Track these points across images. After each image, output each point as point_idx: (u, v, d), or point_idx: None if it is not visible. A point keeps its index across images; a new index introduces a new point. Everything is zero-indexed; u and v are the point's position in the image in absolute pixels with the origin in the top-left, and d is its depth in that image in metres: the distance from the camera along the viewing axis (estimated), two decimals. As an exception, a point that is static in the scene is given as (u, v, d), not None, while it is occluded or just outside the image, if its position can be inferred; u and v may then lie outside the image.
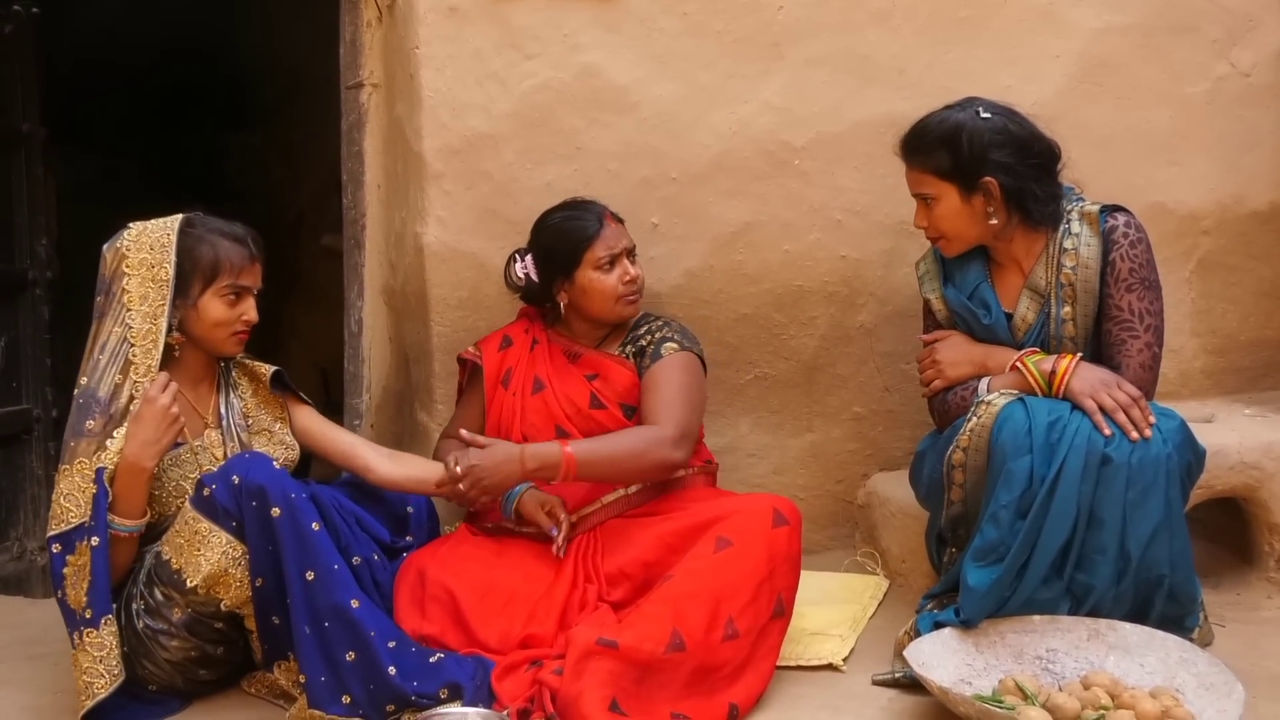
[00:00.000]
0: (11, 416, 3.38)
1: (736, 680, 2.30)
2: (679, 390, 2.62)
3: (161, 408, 2.31)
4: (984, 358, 2.59)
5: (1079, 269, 2.53)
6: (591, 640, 2.23)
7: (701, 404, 2.70)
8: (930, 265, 2.73)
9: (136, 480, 2.32)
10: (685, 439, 2.57)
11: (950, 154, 2.52)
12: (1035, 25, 3.15)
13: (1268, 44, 3.28)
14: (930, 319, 2.75)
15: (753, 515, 2.43)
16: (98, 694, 2.26)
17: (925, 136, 2.57)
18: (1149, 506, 2.32)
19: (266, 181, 5.67)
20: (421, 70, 2.93)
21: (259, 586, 2.29)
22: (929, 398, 2.69)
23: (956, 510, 2.54)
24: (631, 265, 2.72)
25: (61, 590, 2.30)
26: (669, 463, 2.56)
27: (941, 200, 2.56)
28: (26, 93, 3.43)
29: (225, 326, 2.45)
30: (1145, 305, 2.51)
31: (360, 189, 3.12)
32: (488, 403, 2.75)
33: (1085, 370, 2.44)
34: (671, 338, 2.71)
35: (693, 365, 2.70)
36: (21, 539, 3.37)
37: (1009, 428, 2.37)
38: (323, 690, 2.23)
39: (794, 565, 2.42)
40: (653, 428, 2.57)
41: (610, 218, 2.73)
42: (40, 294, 3.47)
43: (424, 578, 2.48)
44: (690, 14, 3.02)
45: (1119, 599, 2.36)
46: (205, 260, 2.42)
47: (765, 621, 2.35)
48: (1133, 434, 2.34)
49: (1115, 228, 2.52)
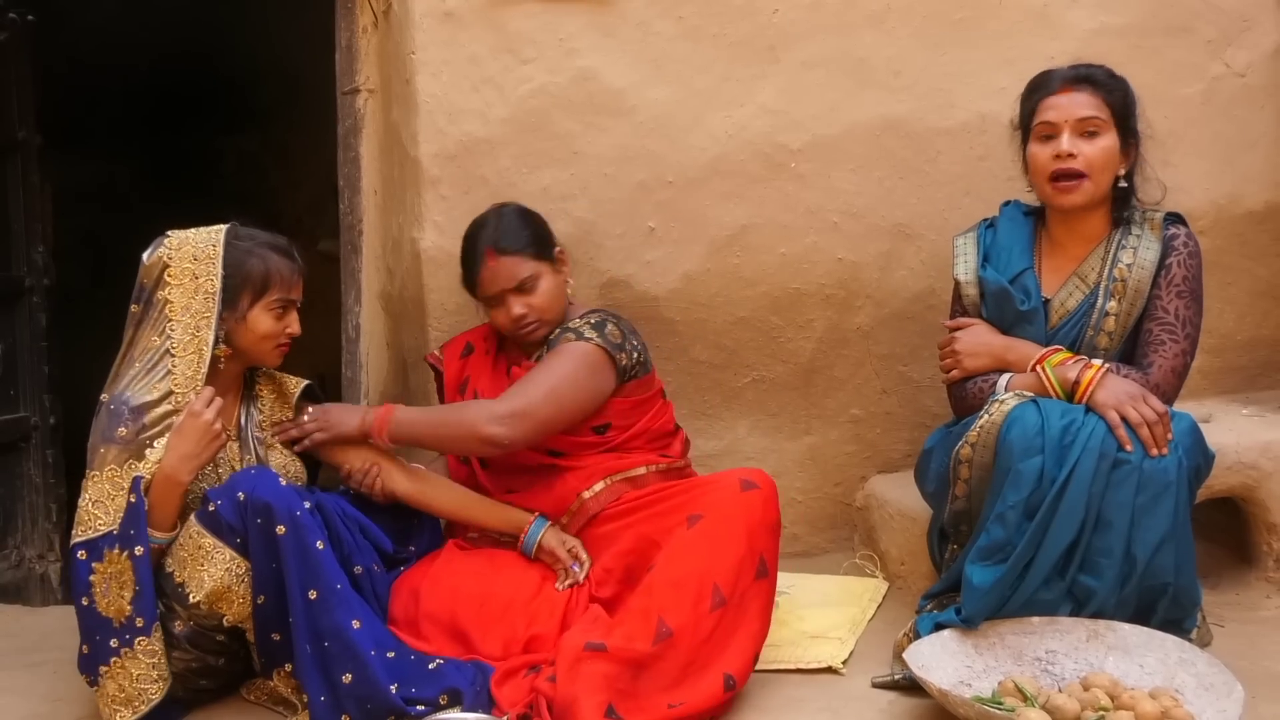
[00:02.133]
0: (9, 424, 3.37)
1: (726, 647, 2.31)
2: (542, 372, 2.56)
3: (205, 423, 2.32)
4: (1004, 351, 2.58)
5: (1135, 268, 2.54)
6: (580, 645, 2.24)
7: (572, 395, 2.56)
8: (969, 244, 2.71)
9: (172, 493, 2.32)
10: (516, 418, 2.48)
11: (1125, 100, 2.57)
12: (1030, 27, 3.16)
13: (1262, 44, 3.28)
14: (957, 302, 2.73)
15: (719, 487, 2.45)
16: (153, 699, 2.28)
17: (1106, 74, 2.58)
18: (1158, 512, 2.32)
19: (263, 187, 5.66)
20: (417, 75, 2.93)
21: (260, 604, 2.29)
22: (948, 385, 2.68)
23: (960, 506, 2.54)
24: (515, 304, 2.63)
25: (88, 598, 2.29)
26: (484, 436, 2.48)
27: (1105, 136, 2.54)
28: (23, 100, 3.43)
29: (271, 339, 2.46)
30: (1190, 314, 2.54)
31: (357, 194, 3.12)
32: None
33: (1112, 381, 2.43)
34: (576, 329, 2.62)
35: (580, 355, 2.58)
36: (20, 547, 3.37)
37: (1018, 429, 2.37)
38: (323, 710, 2.24)
39: (772, 527, 2.42)
40: (483, 401, 2.58)
41: (490, 252, 2.64)
42: (38, 301, 3.47)
43: (418, 596, 2.48)
44: (686, 18, 3.02)
45: (1122, 603, 2.36)
46: (256, 274, 2.42)
47: (749, 583, 2.35)
48: (1153, 451, 2.34)
49: (1177, 236, 2.57)
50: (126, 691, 2.28)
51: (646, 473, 2.65)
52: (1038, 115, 2.59)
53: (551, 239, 2.74)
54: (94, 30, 4.97)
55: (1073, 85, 2.56)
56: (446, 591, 2.47)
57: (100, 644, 2.28)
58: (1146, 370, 2.50)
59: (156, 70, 5.46)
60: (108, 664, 2.28)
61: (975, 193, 3.13)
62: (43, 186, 3.49)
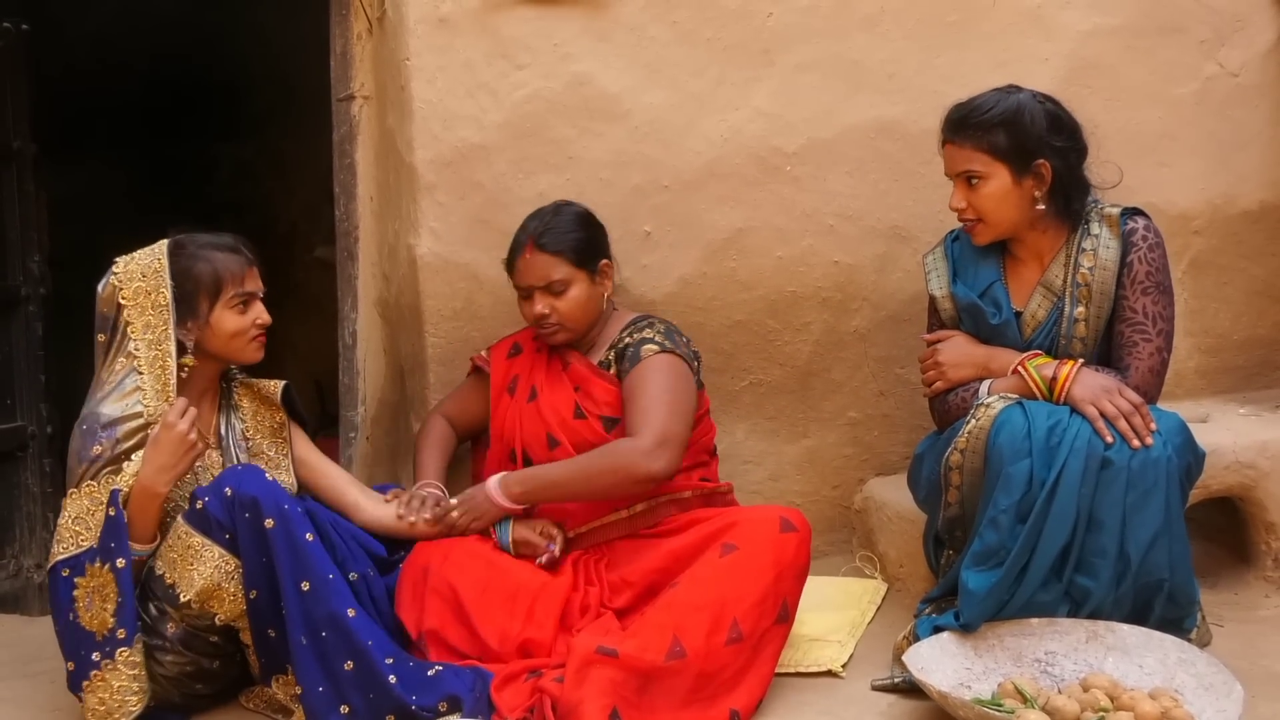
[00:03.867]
0: (6, 434, 3.36)
1: (737, 685, 2.31)
2: (657, 395, 2.54)
3: (180, 434, 2.32)
4: (986, 359, 2.59)
5: (1096, 270, 2.53)
6: (592, 649, 2.23)
7: (688, 408, 2.59)
8: (938, 260, 2.71)
9: (150, 504, 2.33)
10: (663, 446, 2.48)
11: (1009, 133, 2.50)
12: (1024, 28, 3.16)
13: (1255, 44, 3.29)
14: (934, 316, 2.74)
15: (759, 523, 2.44)
16: (133, 710, 2.28)
17: (982, 114, 2.52)
18: (1149, 510, 2.33)
19: (259, 193, 5.66)
20: (412, 82, 2.93)
21: (254, 599, 2.29)
22: (930, 399, 2.69)
23: (953, 512, 2.55)
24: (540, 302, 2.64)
25: (72, 613, 2.30)
26: (645, 474, 2.48)
27: (990, 180, 2.52)
28: (18, 109, 3.41)
29: (243, 335, 2.47)
30: (1159, 309, 2.52)
31: (352, 201, 3.12)
32: (493, 409, 2.76)
33: (1087, 376, 2.44)
34: (653, 339, 2.64)
35: (674, 367, 2.60)
36: (18, 557, 3.36)
37: (1006, 431, 2.38)
38: (320, 701, 2.23)
39: (800, 572, 2.42)
40: (625, 441, 2.53)
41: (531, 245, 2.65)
42: (34, 310, 3.45)
43: (427, 572, 2.48)
44: (680, 22, 3.02)
45: (1118, 602, 2.36)
46: (205, 276, 2.43)
47: (769, 625, 2.35)
48: (1134, 441, 2.34)
49: (1135, 230, 2.53)
50: (107, 704, 2.28)
51: (691, 496, 2.65)
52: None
53: (601, 250, 2.73)
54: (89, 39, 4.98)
55: (950, 139, 2.58)
56: (455, 570, 2.48)
57: (84, 659, 2.29)
58: (1125, 375, 2.50)
59: (152, 78, 5.47)
60: (89, 679, 2.28)
61: (970, 194, 3.13)
62: (38, 195, 3.48)
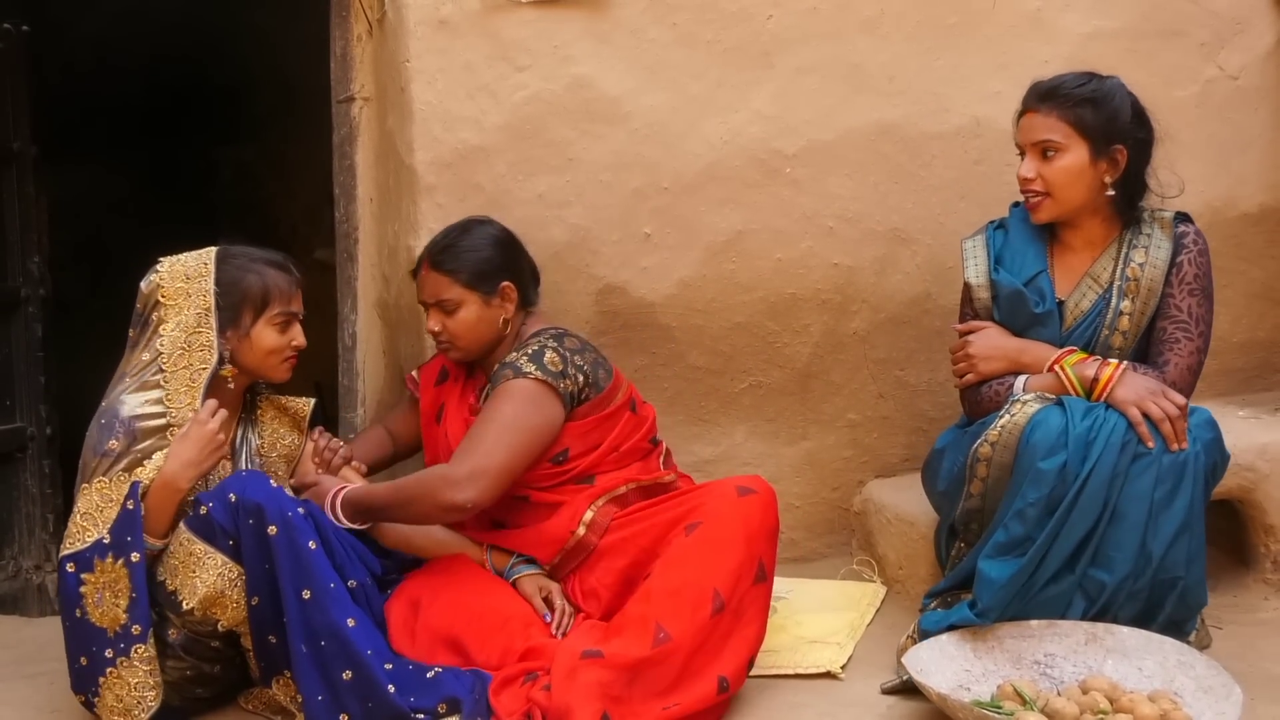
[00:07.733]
0: (5, 435, 3.36)
1: (723, 650, 2.31)
2: (486, 422, 2.49)
3: (210, 431, 2.33)
4: (1018, 353, 2.59)
5: (1147, 266, 2.56)
6: (577, 653, 2.25)
7: (525, 440, 2.48)
8: (978, 247, 2.71)
9: (170, 499, 2.33)
10: (475, 478, 2.41)
11: (1096, 111, 2.53)
12: (1024, 31, 3.16)
13: (1255, 47, 3.29)
14: (967, 304, 2.72)
15: (717, 496, 2.45)
16: (151, 706, 2.27)
17: (1074, 86, 2.55)
18: (1175, 506, 2.34)
19: (259, 195, 5.66)
20: (412, 83, 2.93)
21: (255, 605, 2.29)
22: (961, 389, 2.68)
23: (974, 504, 2.54)
24: (433, 319, 2.62)
25: (80, 609, 2.29)
26: (449, 503, 2.41)
27: (1067, 154, 2.53)
28: (18, 110, 3.42)
29: (278, 354, 2.47)
30: (1202, 312, 2.56)
31: (352, 202, 3.12)
32: (424, 438, 2.75)
33: (1131, 378, 2.44)
34: (516, 363, 2.55)
35: (525, 393, 2.51)
36: (17, 558, 3.36)
37: (1041, 431, 2.37)
38: (320, 709, 2.23)
39: (770, 533, 2.43)
40: (440, 468, 2.50)
41: (427, 264, 2.64)
42: (34, 312, 3.46)
43: (417, 606, 2.48)
44: (680, 24, 3.02)
45: (1133, 596, 2.36)
46: (255, 290, 2.44)
47: (748, 588, 2.36)
48: (1174, 445, 2.36)
49: (1187, 234, 2.59)
50: (125, 701, 2.27)
51: (627, 491, 2.60)
52: (1015, 134, 2.64)
53: (502, 272, 2.64)
54: (90, 40, 4.98)
55: (1035, 107, 2.58)
56: (446, 603, 2.46)
57: (96, 655, 2.28)
58: (1162, 368, 2.52)
59: (152, 80, 5.47)
60: (104, 675, 2.27)
61: (970, 197, 3.13)
62: (38, 197, 3.48)
